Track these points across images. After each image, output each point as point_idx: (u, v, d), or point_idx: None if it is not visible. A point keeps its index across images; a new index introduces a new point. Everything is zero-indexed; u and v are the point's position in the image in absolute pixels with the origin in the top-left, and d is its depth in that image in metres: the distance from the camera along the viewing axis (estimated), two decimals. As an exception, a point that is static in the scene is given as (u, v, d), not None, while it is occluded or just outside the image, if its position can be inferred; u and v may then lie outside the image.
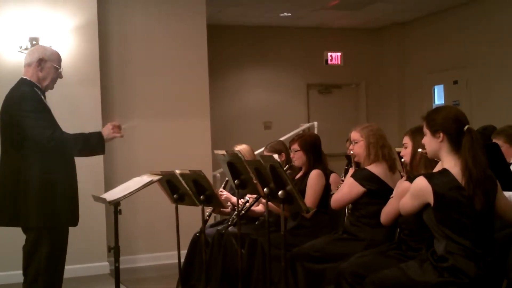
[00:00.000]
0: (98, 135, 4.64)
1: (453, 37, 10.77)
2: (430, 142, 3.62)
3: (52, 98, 4.68)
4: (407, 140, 4.21)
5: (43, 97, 4.58)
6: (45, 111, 4.50)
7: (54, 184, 4.45)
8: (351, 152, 4.80)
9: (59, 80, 4.77)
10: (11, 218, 4.49)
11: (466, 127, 3.50)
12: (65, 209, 4.53)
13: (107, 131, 4.65)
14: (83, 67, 7.46)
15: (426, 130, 3.65)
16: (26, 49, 7.06)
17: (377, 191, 4.58)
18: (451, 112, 3.62)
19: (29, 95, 4.46)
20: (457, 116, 3.57)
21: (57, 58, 4.69)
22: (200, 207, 5.16)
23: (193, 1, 8.40)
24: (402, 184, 4.06)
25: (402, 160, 4.27)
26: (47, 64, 4.59)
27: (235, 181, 4.77)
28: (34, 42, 7.08)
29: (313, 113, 12.19)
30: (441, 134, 3.55)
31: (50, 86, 4.68)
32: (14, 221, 4.51)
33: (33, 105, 4.43)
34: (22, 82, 4.58)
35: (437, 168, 3.69)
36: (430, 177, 3.49)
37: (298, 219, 5.34)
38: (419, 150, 3.92)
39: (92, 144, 4.63)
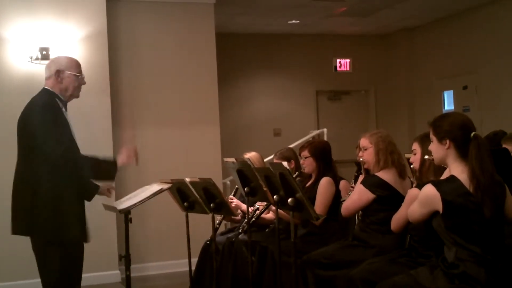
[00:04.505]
0: (111, 163, 4.53)
1: (462, 42, 10.74)
2: (437, 149, 3.60)
3: (62, 108, 4.65)
4: (416, 147, 4.21)
5: (64, 109, 4.45)
6: (63, 126, 4.35)
7: (63, 198, 4.30)
8: (361, 159, 4.81)
9: None
10: (26, 227, 4.36)
11: (472, 134, 3.48)
12: (74, 224, 4.37)
13: (122, 159, 4.55)
14: (93, 77, 7.41)
15: (432, 137, 3.63)
16: (37, 59, 7.13)
17: (387, 198, 4.58)
18: (458, 118, 3.60)
19: (49, 106, 4.33)
20: (464, 122, 3.56)
21: (75, 65, 4.54)
22: (210, 215, 5.17)
23: (202, 10, 8.43)
24: (411, 191, 4.06)
25: (412, 166, 4.27)
26: (65, 74, 4.45)
27: (245, 189, 4.77)
28: (44, 52, 7.14)
29: (322, 119, 12.17)
30: (448, 141, 3.53)
31: (75, 94, 4.54)
32: (28, 231, 4.38)
33: (52, 117, 4.29)
34: (45, 91, 4.44)
35: (444, 175, 3.69)
36: (438, 185, 3.48)
37: (308, 226, 5.35)
38: (426, 157, 3.92)
39: (102, 170, 4.51)
